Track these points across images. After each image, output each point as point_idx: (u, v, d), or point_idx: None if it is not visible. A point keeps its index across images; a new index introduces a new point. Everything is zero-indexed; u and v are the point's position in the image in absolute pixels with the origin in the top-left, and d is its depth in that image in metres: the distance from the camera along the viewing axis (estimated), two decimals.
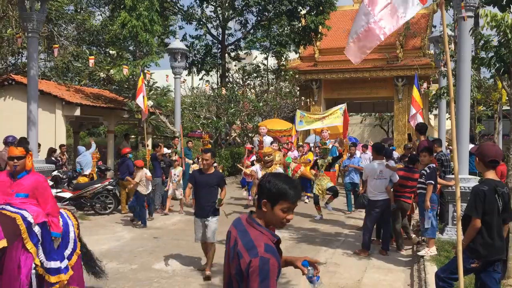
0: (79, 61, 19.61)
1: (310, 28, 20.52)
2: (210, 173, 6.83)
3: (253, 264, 2.25)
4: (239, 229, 2.47)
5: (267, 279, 2.24)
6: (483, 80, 18.08)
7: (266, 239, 2.37)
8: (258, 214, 2.47)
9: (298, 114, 14.34)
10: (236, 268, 2.34)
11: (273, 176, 2.46)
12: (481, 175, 4.77)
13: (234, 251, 2.38)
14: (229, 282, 2.42)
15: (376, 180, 7.93)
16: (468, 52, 8.05)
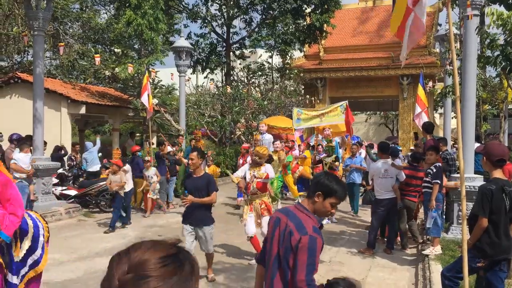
0: (85, 59, 19.65)
1: (315, 27, 20.50)
2: (198, 176, 6.28)
3: (303, 241, 2.68)
4: (289, 214, 2.87)
5: (313, 254, 2.69)
6: (489, 79, 18.01)
7: (313, 222, 2.80)
8: (308, 203, 2.90)
9: (295, 112, 13.70)
10: (286, 245, 2.74)
11: (330, 176, 2.93)
12: (488, 174, 4.75)
13: (285, 231, 2.78)
14: (275, 259, 2.81)
15: (381, 179, 7.92)
16: (474, 50, 8.01)
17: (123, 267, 1.11)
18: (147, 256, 1.12)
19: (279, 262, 2.80)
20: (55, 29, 19.02)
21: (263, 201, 7.09)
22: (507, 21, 5.98)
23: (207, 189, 6.18)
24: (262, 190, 7.07)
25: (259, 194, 7.06)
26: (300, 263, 2.67)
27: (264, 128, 14.41)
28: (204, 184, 6.16)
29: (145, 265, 1.09)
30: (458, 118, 4.21)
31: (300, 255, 2.68)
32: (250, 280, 6.43)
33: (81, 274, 6.62)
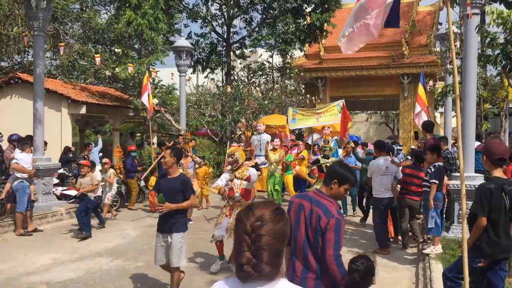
0: (85, 59, 19.65)
1: (315, 26, 20.47)
2: (173, 177, 5.53)
3: (331, 223, 3.14)
4: (312, 201, 3.29)
5: (339, 234, 3.16)
6: (490, 78, 18.00)
7: (335, 206, 3.29)
8: (326, 189, 3.37)
9: (290, 112, 13.31)
10: (315, 227, 3.18)
11: (344, 166, 3.47)
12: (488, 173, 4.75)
13: (311, 216, 3.22)
14: (305, 240, 3.22)
15: (382, 176, 7.89)
16: (474, 49, 8.00)
17: (251, 218, 1.79)
18: (264, 211, 1.82)
19: (309, 242, 3.20)
20: (55, 29, 19.03)
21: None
22: (507, 20, 5.98)
23: (182, 191, 5.46)
24: (246, 198, 6.67)
25: (243, 202, 6.58)
26: (329, 242, 3.12)
27: (262, 128, 14.28)
28: (179, 186, 5.44)
29: (264, 216, 1.80)
30: (458, 117, 4.21)
31: (328, 235, 3.13)
32: None
33: (82, 274, 6.62)
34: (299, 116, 13.13)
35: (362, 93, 24.55)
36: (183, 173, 6.14)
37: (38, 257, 7.43)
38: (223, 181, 6.87)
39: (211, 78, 22.50)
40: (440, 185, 7.34)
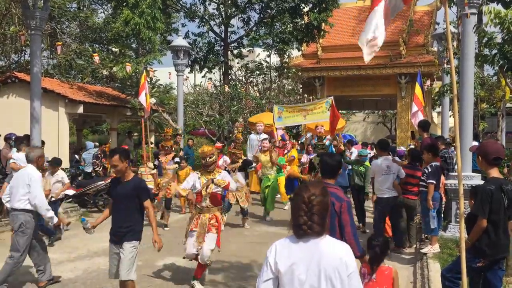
0: (82, 58, 19.62)
1: (313, 26, 20.48)
2: (126, 180, 5.01)
3: (344, 206, 3.84)
4: None
5: (351, 213, 3.92)
6: (487, 78, 18.04)
7: (342, 192, 4.04)
8: (332, 180, 4.15)
9: (276, 110, 12.45)
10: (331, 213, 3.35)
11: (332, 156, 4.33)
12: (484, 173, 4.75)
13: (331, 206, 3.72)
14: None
15: (383, 176, 7.84)
16: (471, 49, 8.02)
17: (308, 193, 2.46)
18: (316, 188, 2.50)
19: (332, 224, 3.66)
20: (53, 29, 18.98)
21: (214, 216, 6.12)
22: (505, 20, 5.99)
23: (138, 197, 4.96)
24: (215, 203, 6.15)
25: (210, 207, 6.10)
26: (345, 222, 3.81)
27: (262, 128, 13.78)
28: (131, 191, 4.94)
29: (316, 192, 2.47)
30: (456, 117, 4.21)
31: (344, 216, 3.81)
32: (249, 279, 6.43)
33: (80, 274, 6.62)
34: (285, 113, 12.36)
35: (359, 92, 24.58)
36: (137, 176, 5.77)
37: None
38: (189, 184, 6.23)
39: (209, 78, 22.48)
40: (437, 185, 7.34)
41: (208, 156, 6.13)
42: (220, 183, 6.08)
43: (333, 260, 2.41)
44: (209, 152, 6.16)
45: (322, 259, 2.41)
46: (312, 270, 2.41)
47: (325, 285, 2.39)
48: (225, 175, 6.32)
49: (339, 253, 2.45)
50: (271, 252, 2.52)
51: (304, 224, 2.42)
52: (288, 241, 2.50)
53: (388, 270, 4.05)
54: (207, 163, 6.16)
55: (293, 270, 2.43)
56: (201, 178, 6.15)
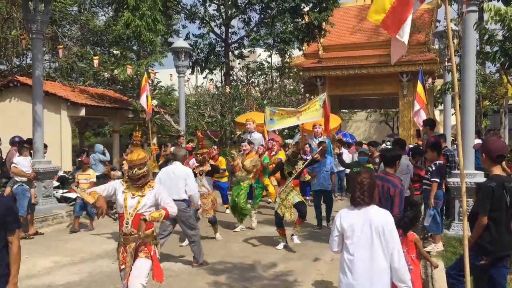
0: (83, 61, 19.67)
1: (313, 25, 20.47)
2: None
3: (397, 191, 5.13)
4: (383, 179, 5.26)
5: (402, 198, 5.19)
6: (489, 75, 18.00)
7: (398, 180, 5.33)
8: (390, 170, 5.48)
9: (268, 112, 11.60)
10: (387, 196, 5.13)
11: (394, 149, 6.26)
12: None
13: (383, 189, 5.16)
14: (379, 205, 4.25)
15: (404, 175, 7.76)
16: (472, 46, 8.00)
17: (360, 177, 3.71)
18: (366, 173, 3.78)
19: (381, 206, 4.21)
20: (54, 32, 19.04)
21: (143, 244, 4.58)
22: (505, 17, 5.97)
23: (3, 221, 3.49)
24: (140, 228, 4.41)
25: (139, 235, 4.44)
26: (396, 204, 5.09)
27: (252, 126, 12.90)
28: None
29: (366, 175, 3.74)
30: (457, 115, 4.20)
31: (396, 200, 5.10)
32: (252, 280, 6.43)
33: (84, 276, 6.62)
34: (278, 116, 11.53)
35: (361, 91, 24.53)
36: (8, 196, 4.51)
37: (39, 260, 7.43)
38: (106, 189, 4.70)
39: (210, 79, 22.50)
40: (441, 184, 7.32)
41: (137, 166, 4.49)
42: (154, 218, 4.39)
43: (379, 221, 3.61)
44: (138, 161, 4.51)
45: (372, 220, 3.61)
46: (366, 227, 3.62)
47: (376, 237, 3.58)
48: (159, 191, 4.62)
49: (383, 217, 3.66)
50: (337, 218, 3.79)
51: (358, 197, 3.69)
52: (347, 210, 3.76)
53: (410, 236, 4.99)
54: (134, 176, 4.50)
55: (353, 228, 3.66)
56: (126, 194, 4.55)
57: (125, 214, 4.55)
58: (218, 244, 8.50)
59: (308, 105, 11.35)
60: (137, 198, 4.55)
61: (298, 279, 6.48)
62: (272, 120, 11.56)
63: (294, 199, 8.09)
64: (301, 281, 6.38)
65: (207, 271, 6.88)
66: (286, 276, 6.64)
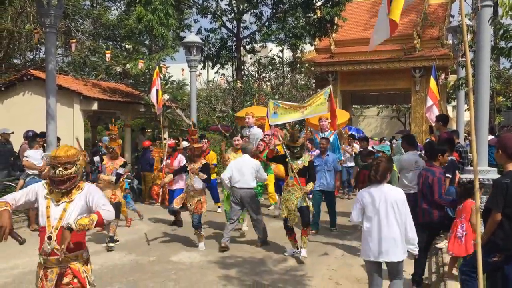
0: (96, 55, 19.76)
1: (325, 20, 20.35)
2: None
3: (435, 180, 5.73)
4: (428, 170, 5.91)
5: (441, 186, 5.76)
6: (503, 71, 17.78)
7: (440, 170, 5.95)
8: (434, 162, 6.03)
9: (271, 105, 11.03)
10: (426, 184, 5.79)
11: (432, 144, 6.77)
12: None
13: (426, 178, 5.80)
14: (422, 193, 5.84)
15: (412, 172, 7.70)
16: (487, 41, 7.90)
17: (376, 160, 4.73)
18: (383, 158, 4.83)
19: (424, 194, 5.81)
20: (67, 26, 19.13)
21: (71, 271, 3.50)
22: None
23: None
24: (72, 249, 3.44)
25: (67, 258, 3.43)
26: (435, 190, 5.69)
27: (251, 120, 12.26)
28: None
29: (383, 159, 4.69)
30: (471, 111, 4.16)
31: (435, 187, 5.70)
32: (262, 274, 6.45)
33: (96, 268, 6.65)
34: (281, 110, 10.96)
35: (373, 87, 24.40)
36: None
37: None
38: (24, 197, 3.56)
39: (222, 74, 22.50)
40: (453, 180, 7.26)
41: (62, 165, 3.46)
42: (83, 226, 3.27)
43: (393, 196, 4.48)
44: (64, 158, 3.47)
45: (387, 196, 4.47)
46: (382, 201, 4.45)
47: (390, 209, 4.44)
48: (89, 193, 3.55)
49: (396, 193, 4.55)
50: (359, 194, 4.67)
51: (372, 176, 4.57)
52: (367, 188, 4.60)
53: (468, 204, 5.47)
54: (57, 177, 3.44)
55: (372, 202, 4.50)
56: (48, 200, 3.51)
57: (48, 226, 3.46)
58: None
59: (313, 99, 10.84)
60: (62, 205, 3.50)
61: (308, 274, 6.49)
62: (276, 114, 11.02)
63: (299, 201, 7.18)
64: (311, 276, 6.38)
65: (218, 264, 6.91)
66: (296, 270, 6.65)
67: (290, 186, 7.30)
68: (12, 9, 18.57)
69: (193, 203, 7.80)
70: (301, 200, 7.21)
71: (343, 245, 8.07)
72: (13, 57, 22.22)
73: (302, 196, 7.22)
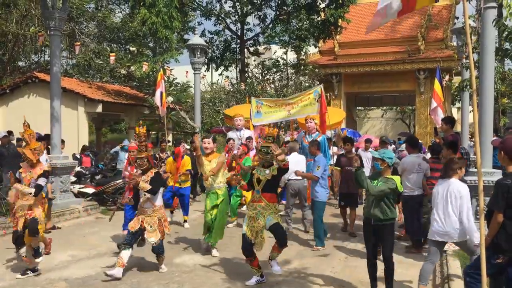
0: (100, 58, 19.85)
1: (329, 22, 20.37)
2: None
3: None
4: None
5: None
6: (508, 72, 17.73)
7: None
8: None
9: (254, 104, 10.08)
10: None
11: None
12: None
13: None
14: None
15: (414, 174, 7.69)
16: (491, 43, 7.87)
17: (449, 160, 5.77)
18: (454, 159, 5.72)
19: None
20: (71, 29, 19.24)
21: None
22: None
23: None
24: None
25: None
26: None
27: (242, 123, 10.99)
28: None
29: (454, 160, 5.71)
30: (475, 112, 4.15)
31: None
32: (267, 276, 6.42)
33: (100, 271, 6.69)
34: (265, 108, 10.07)
35: (377, 88, 24.38)
36: None
37: (56, 254, 7.53)
38: None
39: (226, 76, 22.55)
40: None
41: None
42: None
43: (455, 189, 5.28)
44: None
45: (450, 188, 5.30)
46: (446, 193, 5.34)
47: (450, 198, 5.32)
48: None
49: (458, 186, 5.30)
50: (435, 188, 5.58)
51: (444, 173, 5.47)
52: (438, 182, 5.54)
53: None
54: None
55: (438, 193, 5.44)
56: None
57: None
58: (232, 240, 8.53)
59: (300, 96, 10.06)
60: None
61: (312, 276, 6.47)
62: (259, 113, 10.31)
63: (267, 220, 5.89)
64: (315, 278, 6.37)
65: (222, 267, 6.90)
66: (300, 273, 6.64)
67: (257, 202, 6.00)
68: (17, 12, 18.69)
69: (154, 224, 6.47)
70: (270, 218, 5.89)
71: (347, 248, 8.05)
72: (18, 60, 22.35)
73: (271, 214, 5.95)
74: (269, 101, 10.57)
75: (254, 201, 6.04)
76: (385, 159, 5.42)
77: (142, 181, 6.35)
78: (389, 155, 5.48)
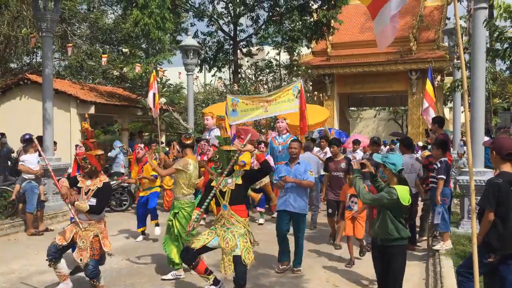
0: (93, 59, 19.77)
1: (322, 23, 20.40)
2: None
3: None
4: None
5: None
6: (499, 72, 17.86)
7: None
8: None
9: (230, 101, 9.48)
10: None
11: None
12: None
13: None
14: None
15: (408, 174, 7.72)
16: (482, 43, 7.95)
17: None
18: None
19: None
20: (63, 30, 19.14)
21: None
22: None
23: None
24: None
25: None
26: None
27: (211, 122, 10.37)
28: None
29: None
30: (466, 112, 4.19)
31: None
32: (260, 277, 6.43)
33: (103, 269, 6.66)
34: (242, 106, 9.44)
35: (370, 89, 24.51)
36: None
37: None
38: None
39: (219, 77, 22.53)
40: (447, 181, 7.30)
41: None
42: None
43: None
44: None
45: None
46: None
47: None
48: None
49: None
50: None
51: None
52: None
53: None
54: None
55: None
56: None
57: None
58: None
59: (279, 93, 9.46)
60: None
61: (305, 276, 6.49)
62: (235, 112, 9.58)
63: (237, 243, 5.03)
64: (309, 279, 6.38)
65: (215, 268, 6.88)
66: (294, 273, 6.64)
67: (226, 218, 5.14)
68: (9, 13, 18.58)
69: (87, 240, 5.34)
70: (239, 243, 5.01)
71: (343, 249, 8.06)
72: (10, 61, 22.21)
73: (243, 235, 5.09)
74: (246, 98, 9.92)
75: (223, 216, 5.14)
76: (386, 164, 4.55)
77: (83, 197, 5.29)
78: (392, 160, 4.58)
